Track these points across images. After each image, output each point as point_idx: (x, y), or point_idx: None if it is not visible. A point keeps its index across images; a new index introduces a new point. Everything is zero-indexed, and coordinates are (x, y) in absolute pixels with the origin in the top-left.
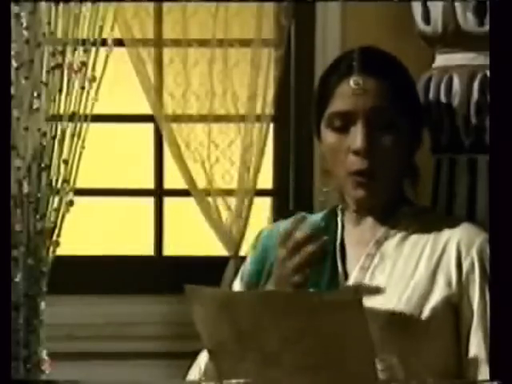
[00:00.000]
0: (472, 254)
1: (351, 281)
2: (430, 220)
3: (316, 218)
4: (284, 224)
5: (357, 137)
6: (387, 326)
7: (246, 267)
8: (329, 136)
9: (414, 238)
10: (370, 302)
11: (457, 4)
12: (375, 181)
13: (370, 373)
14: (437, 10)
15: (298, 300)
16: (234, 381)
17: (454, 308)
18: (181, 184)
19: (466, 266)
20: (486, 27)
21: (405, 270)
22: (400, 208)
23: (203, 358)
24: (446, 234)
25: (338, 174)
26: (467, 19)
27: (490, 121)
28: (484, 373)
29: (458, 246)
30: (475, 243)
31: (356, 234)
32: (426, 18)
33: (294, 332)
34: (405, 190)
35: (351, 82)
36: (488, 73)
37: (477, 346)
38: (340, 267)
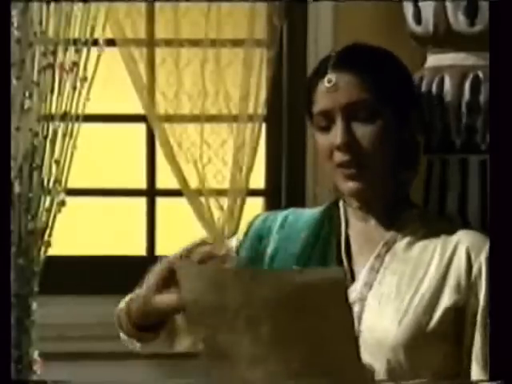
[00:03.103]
0: (481, 259)
1: (360, 281)
2: (437, 224)
3: (312, 211)
4: (280, 214)
5: (337, 133)
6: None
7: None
8: (317, 136)
9: (422, 241)
10: (381, 304)
11: (448, 4)
12: (364, 170)
13: (350, 354)
14: (428, 10)
15: (281, 277)
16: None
17: (461, 312)
18: (173, 184)
19: (474, 270)
20: (477, 27)
21: (415, 274)
22: (405, 211)
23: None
24: (455, 238)
25: (329, 172)
26: (458, 19)
27: (490, 121)
28: (481, 377)
29: (468, 250)
30: (484, 249)
31: (362, 232)
32: (417, 18)
33: (275, 308)
34: (410, 193)
35: (325, 80)
36: (479, 73)
37: (477, 351)
38: (346, 264)
